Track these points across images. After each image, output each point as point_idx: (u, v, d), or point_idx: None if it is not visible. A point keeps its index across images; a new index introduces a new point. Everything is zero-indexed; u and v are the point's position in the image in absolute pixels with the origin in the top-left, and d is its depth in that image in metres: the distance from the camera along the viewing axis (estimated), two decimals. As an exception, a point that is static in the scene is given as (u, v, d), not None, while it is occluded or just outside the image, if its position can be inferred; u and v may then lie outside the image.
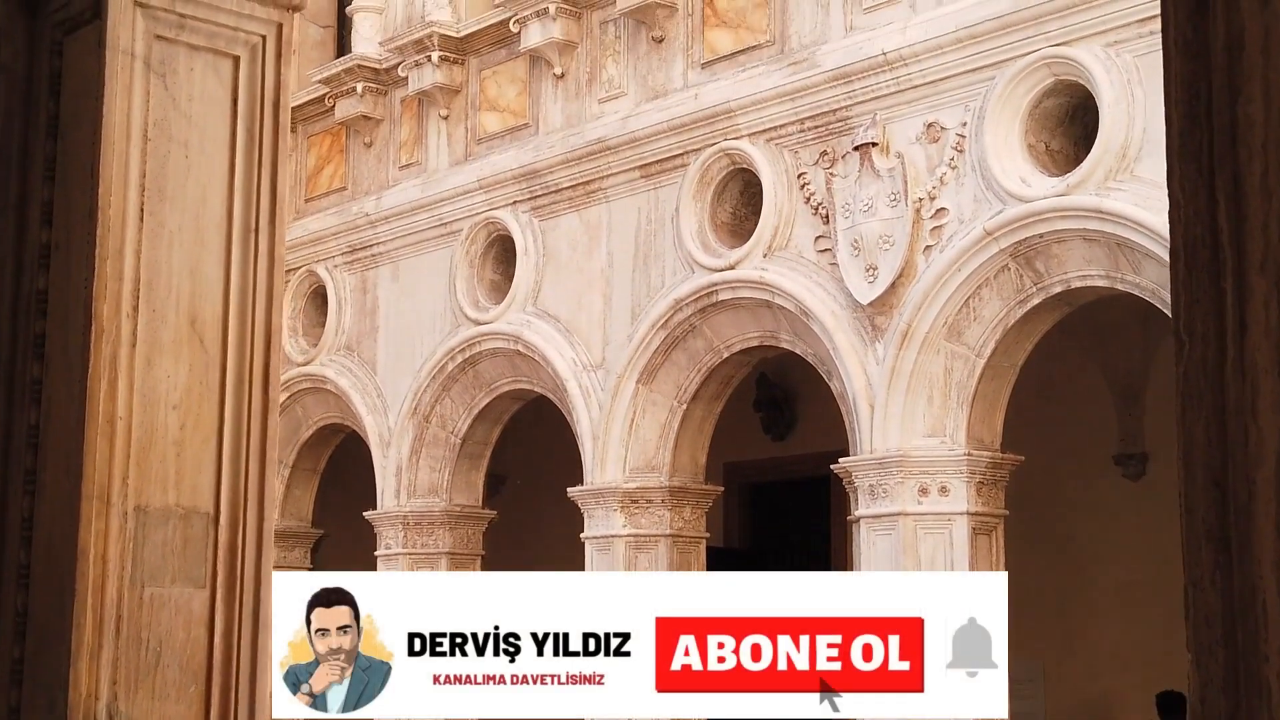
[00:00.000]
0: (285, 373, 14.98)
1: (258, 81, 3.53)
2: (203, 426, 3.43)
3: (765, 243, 11.08)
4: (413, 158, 14.12)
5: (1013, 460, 10.33)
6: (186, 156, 3.42)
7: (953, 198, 10.12)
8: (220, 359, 3.46)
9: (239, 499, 3.47)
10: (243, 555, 3.45)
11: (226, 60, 3.50)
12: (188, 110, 3.43)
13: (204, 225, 3.43)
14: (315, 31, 15.80)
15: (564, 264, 12.57)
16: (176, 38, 3.43)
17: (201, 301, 3.43)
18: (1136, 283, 9.52)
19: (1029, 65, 9.79)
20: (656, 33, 12.03)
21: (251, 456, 3.49)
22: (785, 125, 11.06)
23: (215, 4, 3.45)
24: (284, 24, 3.53)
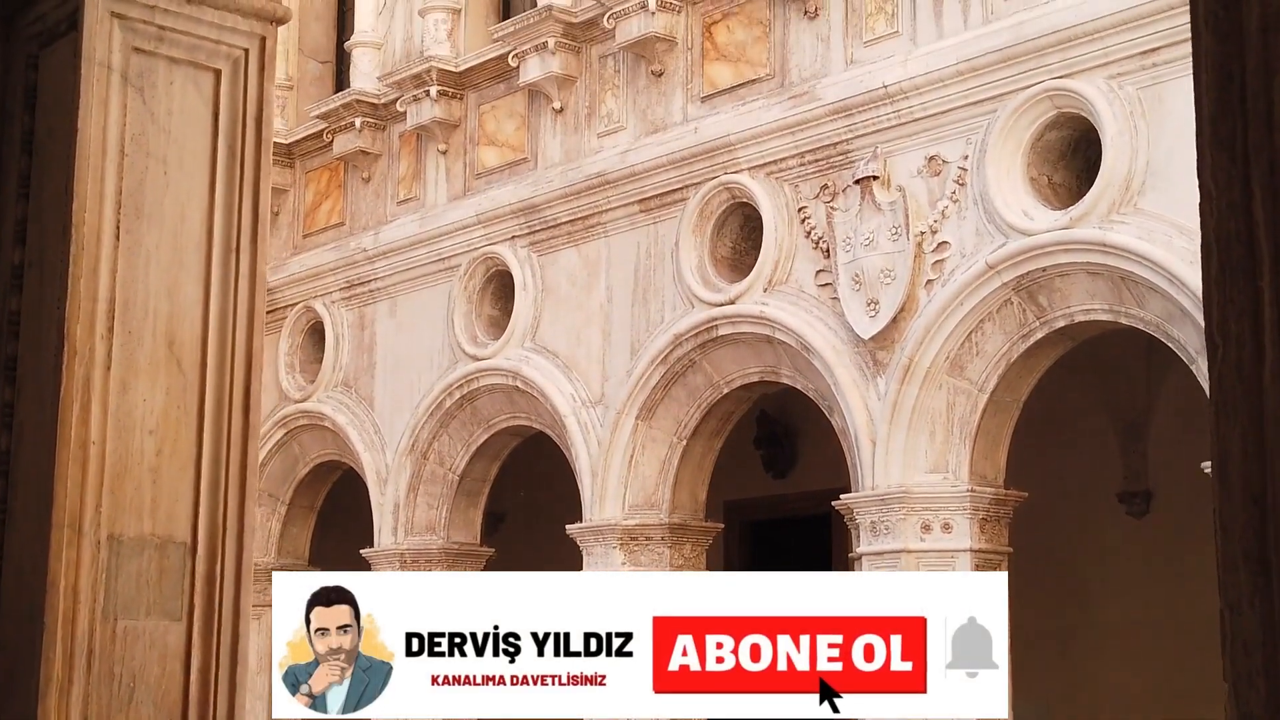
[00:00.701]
0: (282, 409, 14.89)
1: (239, 96, 3.42)
2: (180, 453, 3.30)
3: (766, 277, 10.99)
4: (411, 193, 14.05)
5: (1016, 497, 10.21)
6: (165, 173, 3.31)
7: (954, 231, 10.04)
8: (199, 383, 3.34)
9: (217, 528, 3.33)
10: (221, 587, 3.31)
11: (207, 74, 3.39)
12: (167, 125, 3.32)
13: (183, 244, 3.31)
14: (314, 67, 15.76)
15: (563, 299, 12.48)
16: (155, 50, 3.32)
17: (179, 323, 3.31)
18: (1141, 316, 9.43)
19: (1031, 98, 9.71)
20: (656, 67, 11.97)
21: (231, 484, 3.36)
22: (785, 159, 10.98)
23: (196, 16, 3.35)
24: (267, 37, 3.42)
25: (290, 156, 15.29)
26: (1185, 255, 8.94)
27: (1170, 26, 9.11)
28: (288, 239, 15.39)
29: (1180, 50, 9.10)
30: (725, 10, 11.62)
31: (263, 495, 15.22)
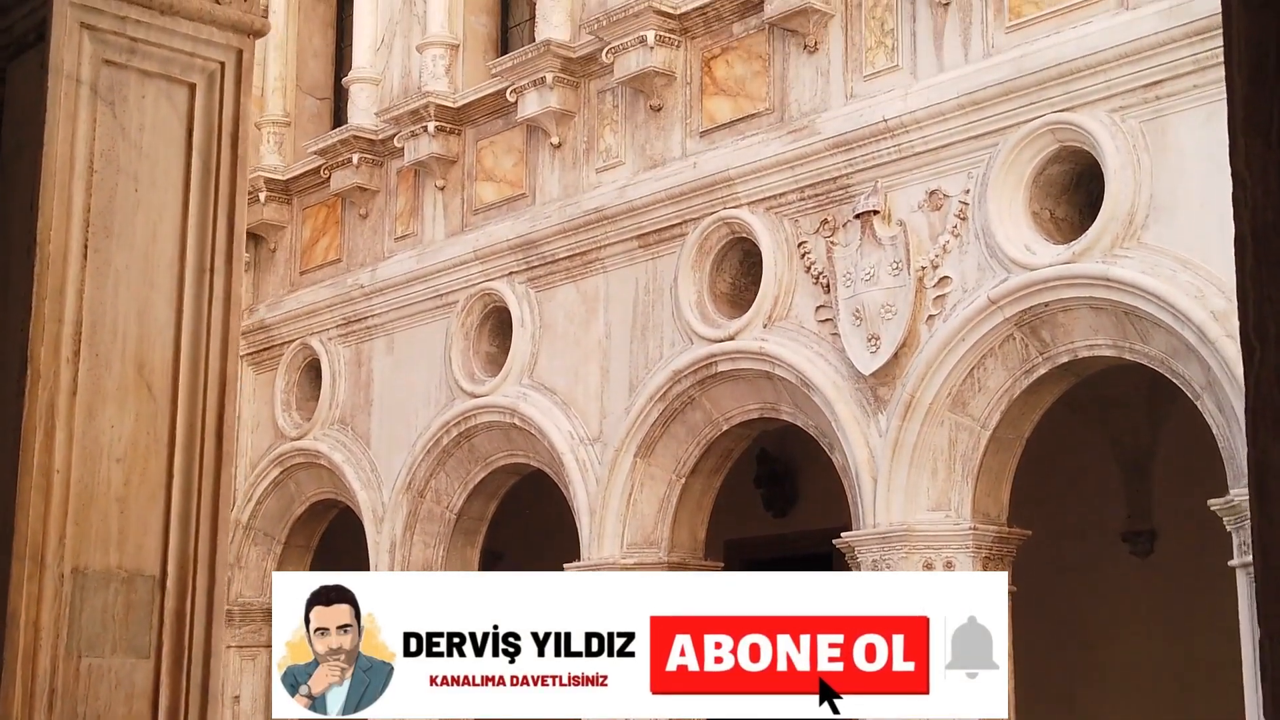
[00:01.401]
0: (278, 447, 14.76)
1: (215, 111, 3.30)
2: (149, 482, 3.16)
3: (765, 313, 10.88)
4: (408, 229, 13.96)
5: (1019, 535, 10.08)
6: (136, 190, 3.19)
7: (956, 266, 9.93)
8: (170, 409, 3.21)
9: (188, 561, 3.19)
10: (191, 623, 3.17)
11: (181, 88, 3.27)
12: (138, 140, 3.20)
13: (154, 264, 3.19)
14: (312, 104, 15.70)
15: (561, 335, 12.38)
16: (127, 63, 3.21)
17: (150, 346, 3.18)
18: (1145, 352, 9.31)
19: (1033, 131, 9.63)
20: (655, 101, 11.89)
21: (203, 515, 3.22)
22: (785, 193, 10.89)
23: (169, 28, 3.23)
24: (244, 50, 3.30)
25: (287, 193, 15.21)
26: (1189, 290, 8.84)
27: (1173, 59, 9.03)
28: (284, 276, 15.30)
29: (1183, 83, 9.03)
30: (724, 45, 11.55)
31: (259, 534, 15.10)
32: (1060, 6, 9.67)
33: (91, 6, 3.08)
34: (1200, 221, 8.95)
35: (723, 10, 11.48)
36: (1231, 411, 8.70)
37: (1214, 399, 8.91)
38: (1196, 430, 10.75)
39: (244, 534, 15.13)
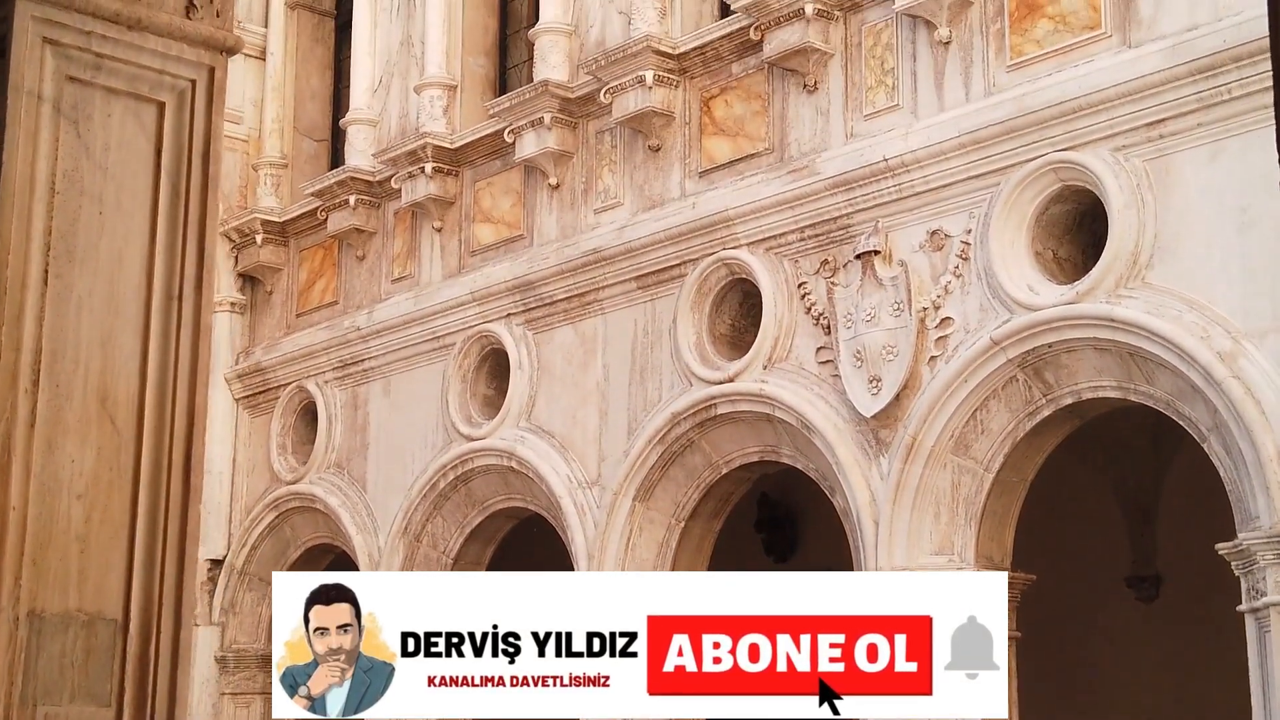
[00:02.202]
0: (273, 491, 14.63)
1: (185, 131, 3.17)
2: (112, 519, 3.01)
3: (765, 354, 10.76)
4: (405, 270, 13.86)
5: (1024, 579, 9.91)
6: (100, 213, 3.06)
7: (958, 307, 9.82)
8: (134, 442, 3.06)
9: (152, 604, 3.03)
10: (155, 669, 3.00)
11: (150, 106, 3.14)
12: (103, 161, 3.07)
13: (119, 290, 3.05)
14: (309, 145, 15.63)
15: (559, 378, 12.26)
16: (92, 80, 3.08)
17: (114, 377, 3.04)
18: (1150, 393, 9.18)
19: (1035, 170, 9.52)
20: (653, 142, 11.80)
21: (168, 555, 3.06)
22: (785, 234, 10.79)
23: (137, 44, 3.10)
24: (216, 68, 3.17)
25: (284, 235, 15.12)
26: (1195, 330, 8.71)
27: (1177, 98, 8.94)
28: (281, 318, 15.19)
29: (1187, 121, 8.93)
30: (723, 85, 11.47)
31: (253, 579, 14.95)
32: (1062, 45, 9.59)
33: (55, 21, 2.96)
34: (1205, 261, 8.84)
35: (721, 50, 11.40)
36: (1239, 454, 8.57)
37: (1220, 441, 8.78)
38: (1201, 474, 10.61)
39: (238, 579, 14.98)
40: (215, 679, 14.94)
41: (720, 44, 11.39)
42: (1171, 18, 9.09)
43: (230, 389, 15.28)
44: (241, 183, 15.55)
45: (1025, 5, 9.81)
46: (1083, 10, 9.52)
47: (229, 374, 15.24)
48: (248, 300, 15.47)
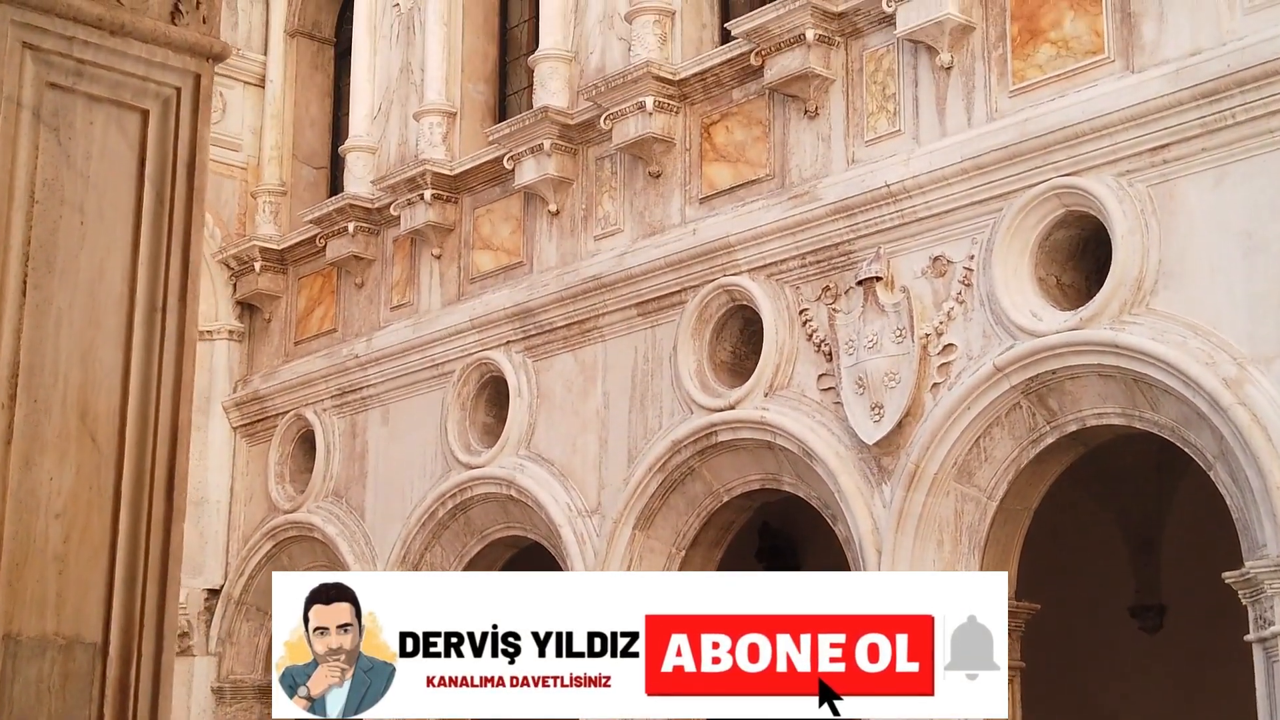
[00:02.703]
0: (271, 520, 14.53)
1: (170, 139, 3.08)
2: (91, 539, 2.90)
3: (766, 381, 10.68)
4: (404, 298, 13.79)
5: (1028, 609, 9.81)
6: (82, 223, 2.97)
7: (961, 333, 9.74)
8: (115, 460, 2.96)
9: (133, 627, 2.92)
10: (136, 696, 2.89)
11: (133, 114, 3.06)
12: (85, 170, 2.98)
13: (100, 303, 2.96)
14: (308, 173, 15.59)
15: (558, 405, 12.17)
16: (74, 86, 3.00)
17: (94, 392, 2.94)
18: (1155, 420, 9.09)
19: (1038, 196, 9.45)
20: (654, 168, 11.74)
21: (150, 576, 2.96)
22: (786, 260, 10.72)
23: (120, 49, 3.01)
24: (202, 75, 3.09)
25: (283, 262, 15.06)
26: (1201, 356, 8.63)
27: (1181, 122, 8.87)
28: (279, 346, 15.13)
29: (1191, 146, 8.87)
30: (724, 111, 11.42)
31: (250, 609, 14.84)
32: (1064, 70, 9.53)
33: (35, 25, 2.88)
34: (1210, 287, 8.76)
35: (722, 76, 11.35)
36: (1245, 481, 8.48)
37: (1227, 468, 8.68)
38: (1206, 502, 10.52)
39: (235, 609, 14.88)
40: (212, 710, 14.83)
41: (721, 70, 11.34)
42: (1175, 42, 9.04)
43: (228, 417, 15.20)
44: (240, 210, 15.51)
45: (1027, 30, 9.77)
46: (1085, 35, 9.47)
47: (227, 402, 15.17)
48: (246, 328, 15.40)
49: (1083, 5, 9.51)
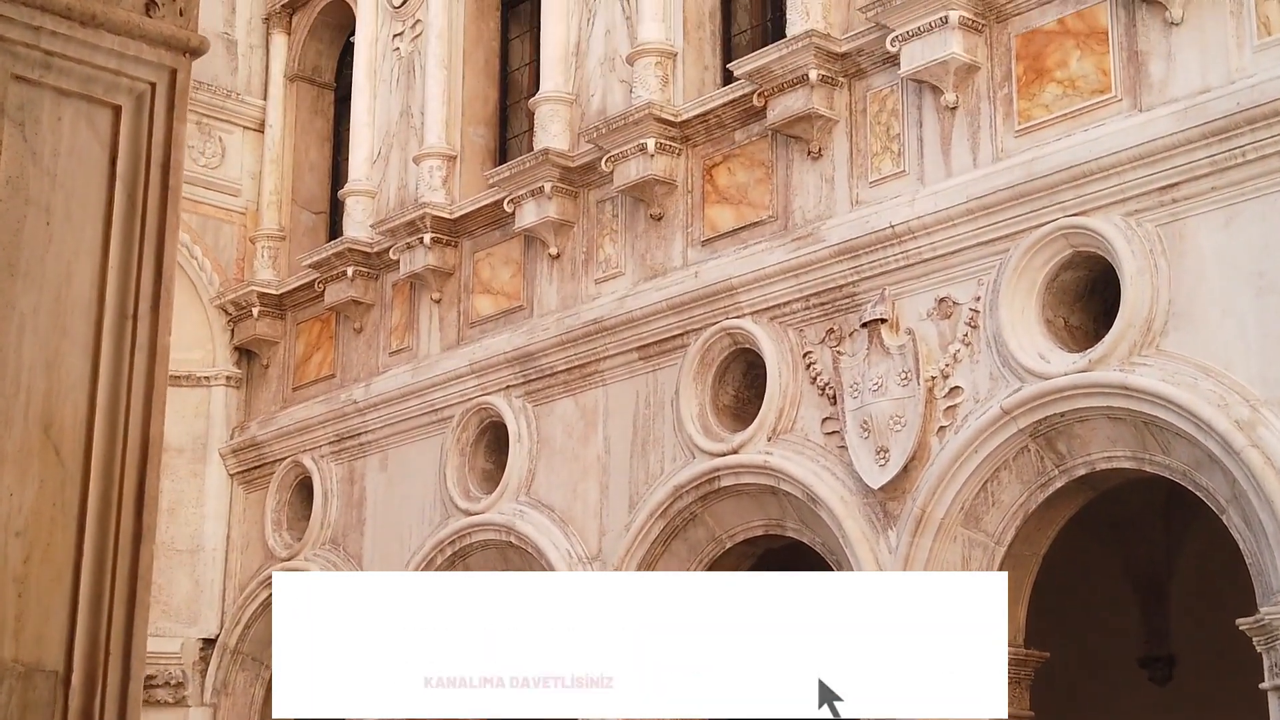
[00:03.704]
0: (267, 569, 14.33)
1: (143, 137, 2.92)
2: (54, 560, 2.73)
3: (769, 425, 10.52)
4: (404, 343, 13.66)
5: (1038, 657, 9.61)
6: (48, 223, 2.81)
7: (967, 376, 9.59)
8: (81, 475, 2.79)
9: (98, 654, 2.74)
10: (101, 727, 2.73)
11: (104, 110, 2.91)
12: (52, 167, 2.83)
13: (67, 309, 2.80)
14: (307, 218, 15.50)
15: (559, 450, 12.01)
16: (41, 79, 2.84)
17: (59, 402, 2.78)
18: (1166, 464, 8.92)
19: (1045, 236, 9.32)
20: (655, 210, 11.63)
21: (117, 600, 2.78)
22: (789, 302, 10.58)
23: (92, 42, 2.86)
24: (179, 69, 2.93)
25: (281, 308, 14.94)
26: (1212, 398, 8.48)
27: (1190, 161, 8.75)
28: (277, 392, 14.98)
29: (1201, 185, 8.74)
30: (726, 152, 11.31)
31: (246, 659, 14.64)
32: (1071, 109, 9.42)
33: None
34: (1221, 328, 8.62)
35: (724, 117, 11.25)
36: (1259, 525, 8.31)
37: (1240, 512, 8.51)
38: (1215, 549, 10.37)
39: (231, 659, 14.67)
40: (207, 761, 14.61)
41: (723, 111, 11.24)
42: (1183, 80, 8.93)
43: (225, 464, 15.04)
44: (239, 255, 15.40)
45: (1033, 70, 9.67)
46: (1092, 74, 9.37)
47: (223, 449, 15.01)
48: (244, 374, 15.27)
49: (1089, 44, 9.42)
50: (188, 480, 15.03)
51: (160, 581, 14.80)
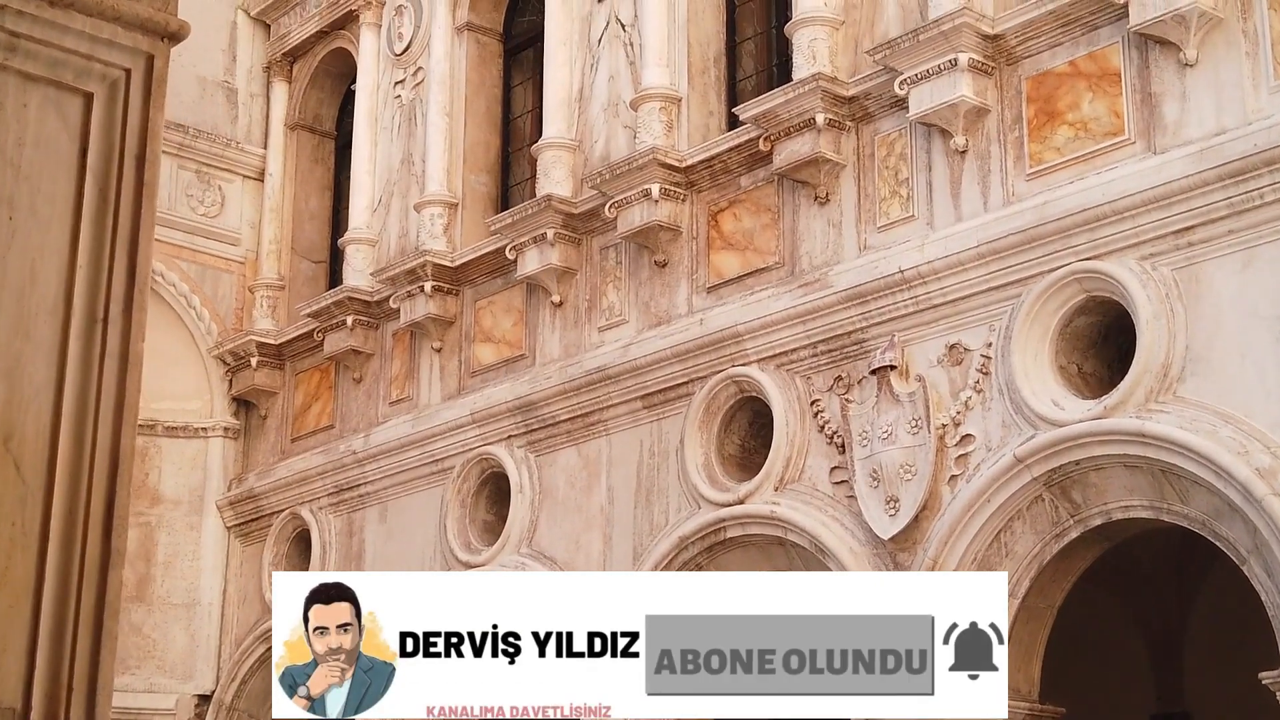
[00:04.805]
0: (264, 623, 14.08)
1: (117, 127, 2.72)
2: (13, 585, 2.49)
3: (776, 475, 10.31)
4: (404, 392, 13.47)
5: (1053, 713, 9.40)
6: (11, 218, 2.61)
7: (979, 423, 9.38)
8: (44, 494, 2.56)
9: (59, 690, 2.49)
10: (62, 772, 2.50)
11: (75, 97, 2.70)
12: (15, 158, 2.62)
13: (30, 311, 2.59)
14: (307, 267, 15.35)
15: (561, 502, 11.80)
16: (5, 63, 2.63)
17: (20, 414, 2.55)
18: (1184, 513, 8.70)
19: (1058, 281, 9.14)
20: (659, 257, 11.46)
21: (81, 631, 2.54)
22: (796, 349, 10.39)
23: (61, 23, 2.65)
24: (156, 56, 2.73)
25: (280, 358, 14.75)
26: (1232, 445, 8.26)
27: (1206, 204, 8.58)
28: (275, 443, 14.78)
29: (1218, 228, 8.56)
30: (731, 198, 11.15)
31: (242, 716, 14.41)
32: (1084, 152, 9.26)
33: (-42, -9, 2.56)
34: (1241, 373, 8.42)
35: (730, 162, 11.10)
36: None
37: (1261, 563, 8.28)
38: (1233, 601, 10.13)
39: (227, 715, 14.43)
40: (201, 821, 14.34)
41: (728, 156, 11.09)
42: (1198, 122, 8.77)
43: (222, 516, 14.83)
44: (237, 305, 15.24)
45: (1044, 113, 9.51)
46: (1105, 116, 9.21)
47: (221, 501, 14.80)
48: (242, 425, 15.07)
49: (1101, 86, 9.26)
50: (184, 533, 14.82)
51: (155, 636, 14.57)
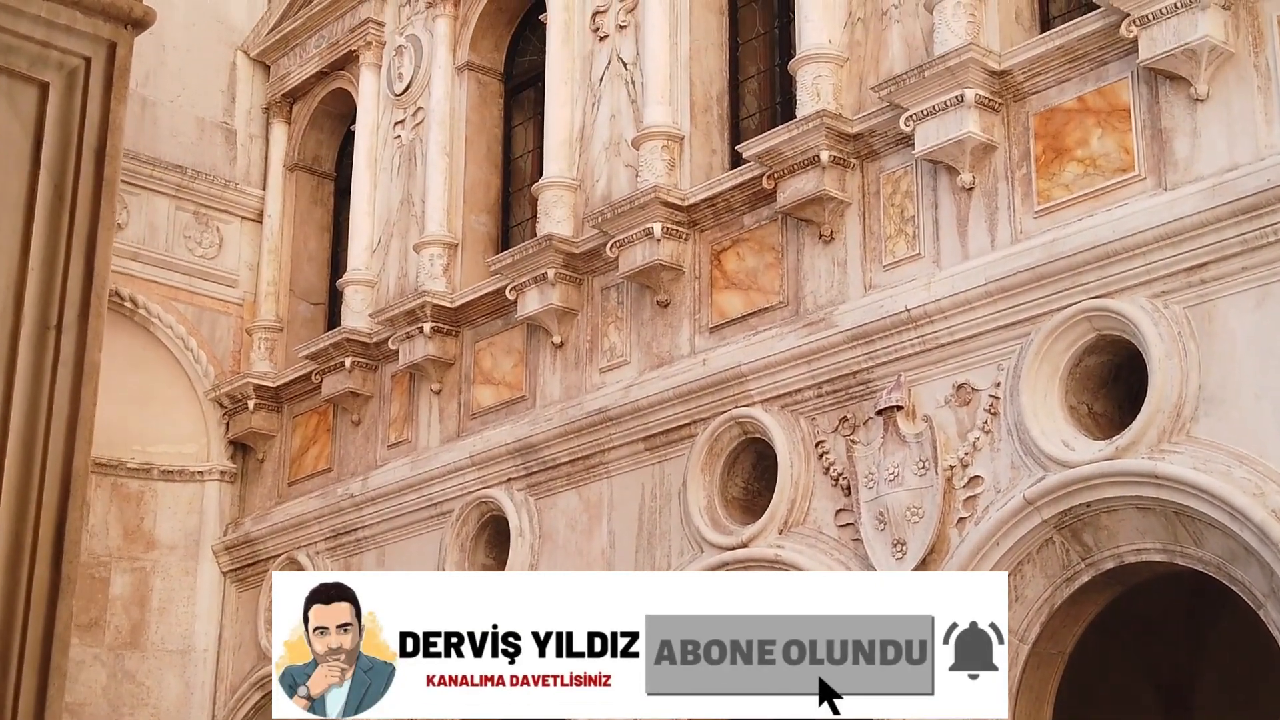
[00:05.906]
0: (259, 671, 13.85)
1: (74, 119, 2.54)
2: (-46, 613, 2.34)
3: (781, 518, 10.12)
4: (402, 435, 13.28)
5: (1065, 761, 9.15)
6: (-45, 216, 2.46)
7: (988, 465, 9.19)
8: (-12, 514, 2.40)
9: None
10: (4, 811, 2.31)
11: (29, 87, 2.53)
12: (-39, 151, 2.48)
13: (-21, 316, 2.43)
14: (305, 309, 15.19)
15: (562, 545, 11.61)
16: (-45, 51, 2.50)
17: (-33, 427, 2.40)
18: (1199, 556, 8.50)
19: (1067, 319, 8.96)
20: (662, 297, 11.29)
21: (27, 665, 2.34)
22: (801, 390, 10.21)
23: (15, 7, 2.47)
24: (118, 43, 2.56)
25: (277, 400, 14.58)
26: (1247, 486, 8.07)
27: (1219, 240, 8.41)
28: (272, 487, 14.60)
29: (1231, 265, 8.40)
30: (735, 236, 11.00)
31: (237, 765, 14.16)
32: (1093, 189, 9.10)
33: (-96, -25, 2.39)
34: (1255, 413, 8.23)
35: (733, 201, 10.95)
36: (1299, 620, 7.88)
37: (1278, 607, 8.08)
38: (1248, 651, 9.91)
39: (221, 764, 14.19)
40: None
41: (731, 194, 10.94)
42: (1210, 158, 8.61)
43: (218, 561, 14.62)
44: (235, 347, 15.08)
45: (1052, 149, 9.36)
46: (1114, 153, 9.06)
47: (217, 546, 14.60)
48: (238, 469, 14.89)
49: (1110, 122, 9.12)
50: (179, 578, 14.62)
51: (149, 684, 14.35)
